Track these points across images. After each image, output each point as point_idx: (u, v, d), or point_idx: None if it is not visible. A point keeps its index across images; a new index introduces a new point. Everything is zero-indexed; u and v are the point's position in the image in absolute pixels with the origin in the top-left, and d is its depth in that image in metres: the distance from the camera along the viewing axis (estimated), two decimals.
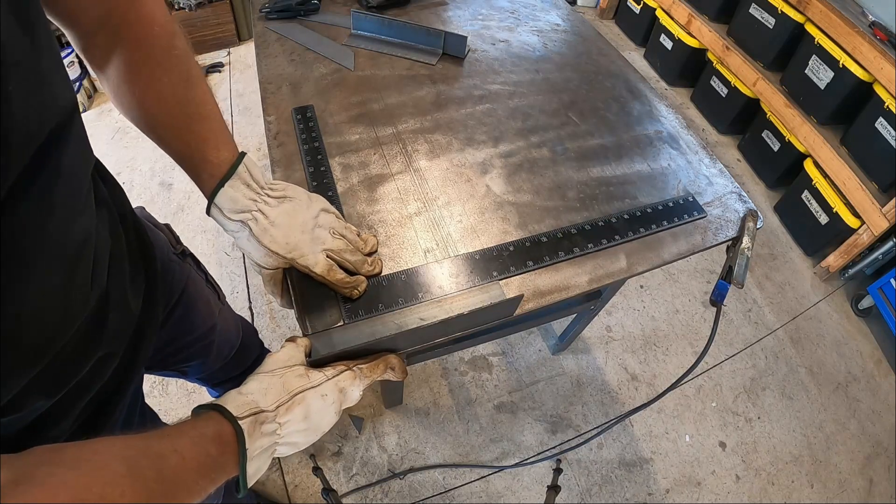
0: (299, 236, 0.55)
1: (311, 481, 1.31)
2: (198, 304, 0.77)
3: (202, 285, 0.80)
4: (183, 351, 0.79)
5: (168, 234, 0.74)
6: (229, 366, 0.95)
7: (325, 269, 0.56)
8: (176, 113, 0.52)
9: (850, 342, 1.81)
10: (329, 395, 0.50)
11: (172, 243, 0.74)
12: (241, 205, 0.53)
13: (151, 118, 0.52)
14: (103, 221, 0.49)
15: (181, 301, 0.73)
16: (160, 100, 0.51)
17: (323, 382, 0.50)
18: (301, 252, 0.55)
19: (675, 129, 0.94)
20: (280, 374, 0.49)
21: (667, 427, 1.52)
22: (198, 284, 0.79)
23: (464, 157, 0.81)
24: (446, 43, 0.99)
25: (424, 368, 1.54)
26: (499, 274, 0.66)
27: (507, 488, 1.36)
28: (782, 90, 2.08)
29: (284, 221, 0.55)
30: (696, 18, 2.43)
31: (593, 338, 1.68)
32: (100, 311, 0.46)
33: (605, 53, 1.09)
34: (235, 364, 0.97)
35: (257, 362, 1.06)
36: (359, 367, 0.54)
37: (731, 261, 0.75)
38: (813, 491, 1.46)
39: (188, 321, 0.76)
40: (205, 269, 0.84)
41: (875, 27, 1.78)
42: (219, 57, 2.52)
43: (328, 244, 0.57)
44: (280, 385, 0.48)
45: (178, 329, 0.74)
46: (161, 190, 1.93)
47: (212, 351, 0.85)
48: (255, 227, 0.53)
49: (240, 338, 0.95)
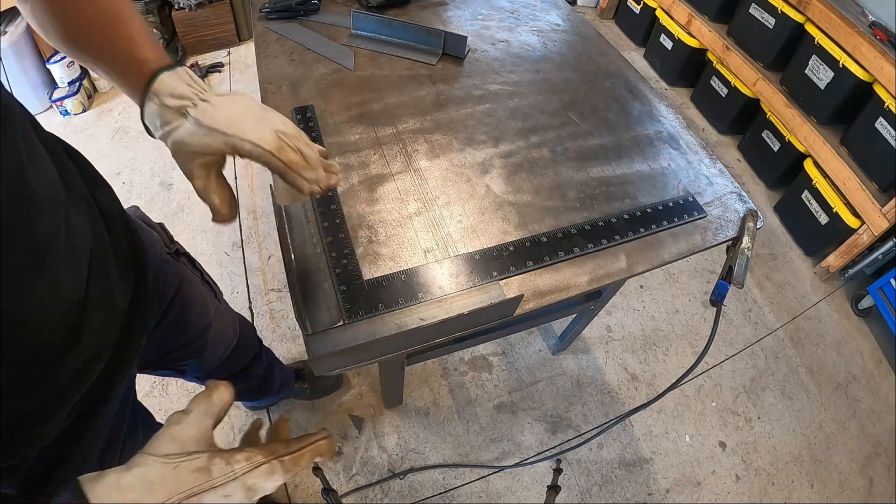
0: (245, 116, 0.47)
1: (311, 481, 1.31)
2: (192, 304, 0.77)
3: (197, 284, 0.80)
4: (178, 351, 0.78)
5: (162, 234, 0.73)
6: (227, 364, 0.95)
7: (275, 146, 0.46)
8: (95, 16, 0.47)
9: (850, 342, 1.81)
10: (233, 497, 0.40)
11: (166, 242, 0.73)
12: (182, 91, 0.46)
13: (71, 27, 0.48)
14: (81, 219, 0.46)
15: (175, 301, 0.72)
16: (77, 6, 0.47)
17: (227, 482, 0.40)
18: (244, 127, 0.46)
19: (675, 129, 0.94)
20: (175, 463, 0.39)
21: (667, 427, 1.52)
22: (192, 284, 0.78)
23: (464, 157, 0.81)
24: (446, 43, 0.99)
25: (424, 368, 1.54)
26: (499, 274, 0.66)
27: (507, 488, 1.36)
28: (782, 90, 2.08)
29: (229, 106, 0.47)
30: (696, 18, 2.43)
31: (593, 338, 1.68)
32: (79, 310, 0.44)
33: (605, 53, 1.09)
34: (233, 362, 0.97)
35: (255, 360, 1.07)
36: (280, 461, 0.44)
37: (731, 261, 0.75)
38: (813, 491, 1.46)
39: (183, 321, 0.75)
40: (200, 268, 0.83)
41: (875, 27, 1.77)
42: (219, 57, 2.52)
43: (279, 127, 0.48)
44: (172, 480, 0.38)
45: (172, 329, 0.73)
46: (161, 190, 1.93)
47: (207, 350, 0.85)
48: (194, 112, 0.45)
49: (237, 336, 0.95)
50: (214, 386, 0.45)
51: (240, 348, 0.97)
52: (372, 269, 0.65)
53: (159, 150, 2.07)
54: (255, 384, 1.13)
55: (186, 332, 0.77)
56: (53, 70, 2.11)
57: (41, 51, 2.12)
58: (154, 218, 0.75)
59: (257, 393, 1.18)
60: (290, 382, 1.32)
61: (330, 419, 1.42)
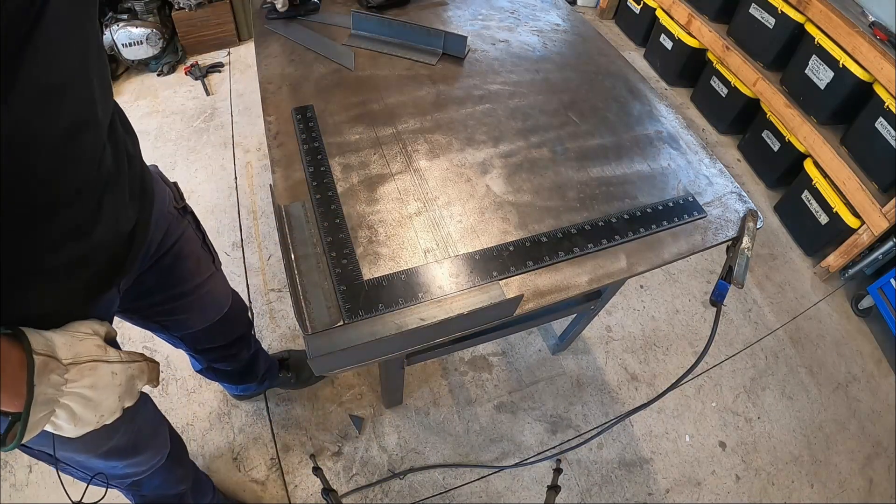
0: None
1: (311, 481, 1.31)
2: (188, 259, 0.80)
3: (196, 244, 0.83)
4: (167, 302, 0.81)
5: (174, 190, 0.78)
6: (214, 332, 0.95)
7: None
8: None
9: (850, 342, 1.81)
10: (118, 376, 0.52)
11: (176, 198, 0.78)
12: None
13: None
14: (113, 148, 0.54)
15: (171, 250, 0.76)
16: None
17: (117, 361, 0.52)
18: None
19: (675, 129, 0.94)
20: (81, 337, 0.50)
21: (667, 427, 1.52)
22: (192, 242, 0.82)
23: (464, 157, 0.81)
24: (446, 43, 0.99)
25: (424, 368, 1.54)
26: (499, 274, 0.66)
27: (507, 488, 1.36)
28: (782, 90, 2.08)
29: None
30: (696, 18, 2.43)
31: (593, 338, 1.68)
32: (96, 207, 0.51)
33: (605, 53, 1.09)
34: (221, 332, 0.99)
35: (243, 339, 1.08)
36: (150, 365, 0.58)
37: (731, 261, 0.75)
38: (813, 491, 1.46)
39: (176, 272, 0.78)
40: (203, 231, 0.87)
41: (875, 27, 1.77)
42: (219, 57, 2.52)
43: None
44: (79, 346, 0.49)
45: (164, 276, 0.76)
46: None
47: (195, 310, 0.87)
48: None
49: (228, 304, 0.97)
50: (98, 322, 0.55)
51: (229, 320, 0.98)
52: (372, 269, 0.65)
53: (159, 149, 2.07)
54: (240, 368, 1.14)
55: (177, 285, 0.80)
56: None
57: None
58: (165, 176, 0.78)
59: (239, 378, 1.19)
60: (274, 371, 1.33)
61: (330, 419, 1.42)
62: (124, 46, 2.23)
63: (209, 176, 1.98)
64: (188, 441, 1.35)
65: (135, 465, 0.80)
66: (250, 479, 1.31)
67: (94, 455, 0.70)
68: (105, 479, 0.69)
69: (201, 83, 2.37)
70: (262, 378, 1.27)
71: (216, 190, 1.93)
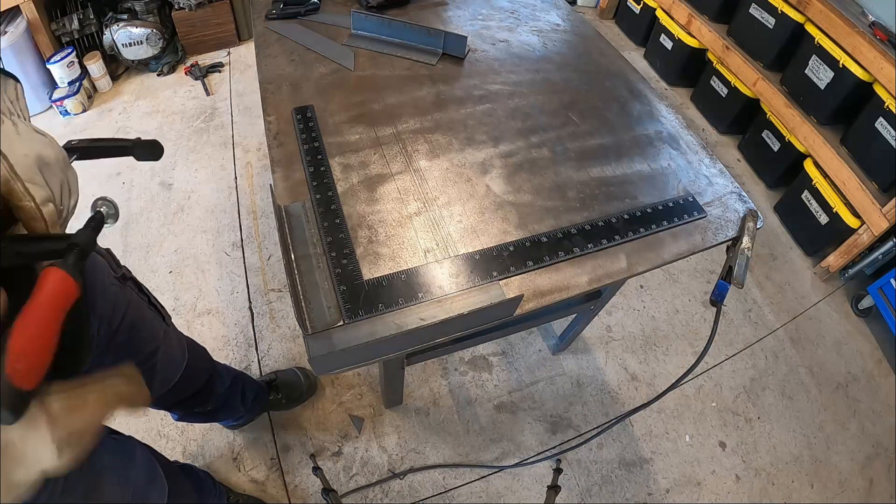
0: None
1: (311, 481, 1.31)
2: (141, 328, 0.77)
3: (144, 308, 0.80)
4: None
5: (108, 259, 0.74)
6: (178, 387, 0.93)
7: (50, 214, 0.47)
8: None
9: (850, 342, 1.81)
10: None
11: (113, 267, 0.74)
12: None
13: None
14: None
15: (122, 326, 0.72)
16: None
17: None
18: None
19: (675, 129, 0.94)
20: None
21: (667, 427, 1.52)
22: (140, 308, 0.78)
23: (464, 157, 0.81)
24: (446, 43, 0.99)
25: (424, 368, 1.54)
26: (499, 274, 0.66)
27: (507, 488, 1.36)
28: (782, 90, 2.08)
29: None
30: (696, 18, 2.43)
31: (593, 338, 1.68)
32: None
33: (605, 53, 1.09)
34: (186, 385, 0.96)
35: (211, 379, 1.05)
36: None
37: (731, 261, 0.75)
38: (813, 491, 1.46)
39: (132, 345, 0.76)
40: (147, 292, 0.83)
41: (875, 27, 1.77)
42: (219, 57, 2.52)
43: None
44: None
45: (122, 353, 0.73)
46: (161, 190, 1.93)
47: (156, 374, 0.84)
48: None
49: (185, 359, 0.93)
50: None
51: (191, 371, 0.95)
52: (372, 269, 0.65)
53: None
54: (218, 404, 1.11)
55: (135, 356, 0.77)
56: (53, 70, 2.11)
57: (41, 51, 2.12)
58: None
59: (224, 413, 1.16)
60: (263, 397, 1.30)
61: (330, 419, 1.42)
62: (124, 46, 2.23)
63: (209, 176, 1.98)
64: (188, 441, 1.36)
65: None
66: (250, 479, 1.31)
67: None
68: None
69: (201, 83, 2.37)
70: (252, 405, 1.24)
71: (216, 190, 1.93)
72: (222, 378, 1.10)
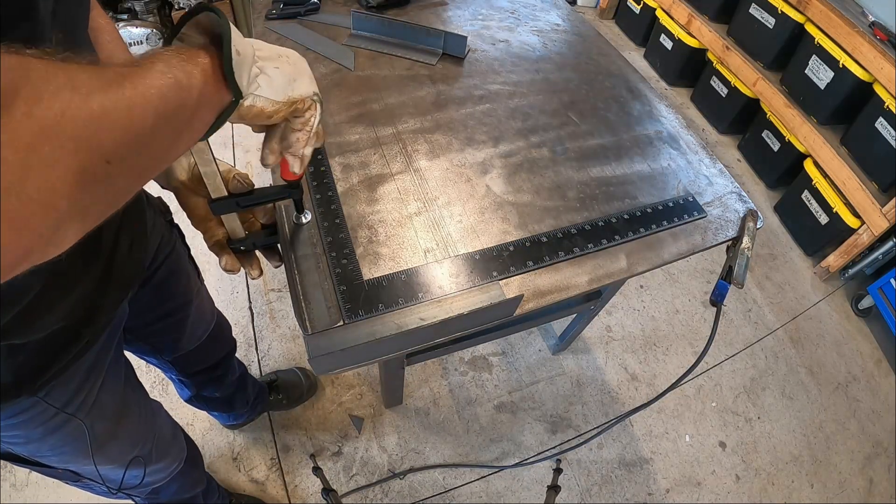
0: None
1: (311, 481, 1.31)
2: (179, 274, 0.79)
3: (185, 259, 0.83)
4: (159, 321, 0.80)
5: (159, 205, 0.77)
6: (201, 351, 0.95)
7: None
8: None
9: (850, 342, 1.81)
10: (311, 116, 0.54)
11: (164, 211, 0.77)
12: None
13: None
14: None
15: (164, 264, 0.75)
16: None
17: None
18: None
19: (675, 129, 0.94)
20: None
21: (667, 427, 1.52)
22: (181, 256, 0.81)
23: (464, 157, 0.81)
24: (446, 43, 0.99)
25: (424, 368, 1.54)
26: (499, 274, 0.66)
27: (507, 488, 1.36)
28: (782, 90, 2.09)
29: None
30: (696, 18, 2.43)
31: (593, 338, 1.68)
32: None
33: (605, 53, 1.09)
34: (208, 352, 0.98)
35: (228, 358, 1.07)
36: None
37: (731, 261, 0.75)
38: (813, 491, 1.46)
39: (168, 287, 0.78)
40: (188, 246, 0.86)
41: (875, 27, 1.78)
42: None
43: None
44: None
45: (156, 294, 0.75)
46: (161, 190, 1.93)
47: (186, 327, 0.86)
48: None
49: (214, 321, 0.96)
50: None
51: (216, 336, 0.97)
52: (372, 269, 0.65)
53: None
54: (227, 394, 1.12)
55: (168, 301, 0.79)
56: None
57: None
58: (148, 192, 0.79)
59: (228, 405, 1.17)
60: (264, 397, 1.31)
61: (330, 419, 1.42)
62: None
63: None
64: None
65: (155, 473, 0.80)
66: (250, 479, 1.31)
67: (119, 465, 0.70)
68: (127, 493, 0.69)
69: None
70: (254, 404, 1.25)
71: None
72: (234, 367, 1.12)
